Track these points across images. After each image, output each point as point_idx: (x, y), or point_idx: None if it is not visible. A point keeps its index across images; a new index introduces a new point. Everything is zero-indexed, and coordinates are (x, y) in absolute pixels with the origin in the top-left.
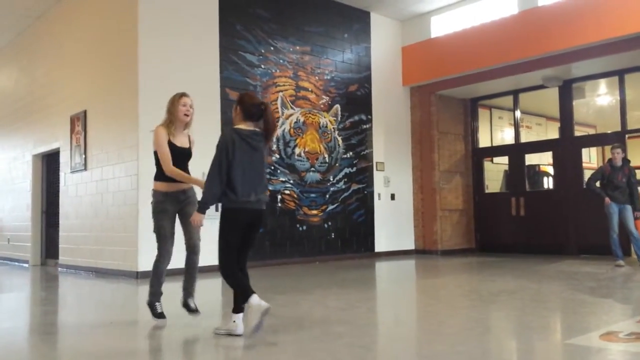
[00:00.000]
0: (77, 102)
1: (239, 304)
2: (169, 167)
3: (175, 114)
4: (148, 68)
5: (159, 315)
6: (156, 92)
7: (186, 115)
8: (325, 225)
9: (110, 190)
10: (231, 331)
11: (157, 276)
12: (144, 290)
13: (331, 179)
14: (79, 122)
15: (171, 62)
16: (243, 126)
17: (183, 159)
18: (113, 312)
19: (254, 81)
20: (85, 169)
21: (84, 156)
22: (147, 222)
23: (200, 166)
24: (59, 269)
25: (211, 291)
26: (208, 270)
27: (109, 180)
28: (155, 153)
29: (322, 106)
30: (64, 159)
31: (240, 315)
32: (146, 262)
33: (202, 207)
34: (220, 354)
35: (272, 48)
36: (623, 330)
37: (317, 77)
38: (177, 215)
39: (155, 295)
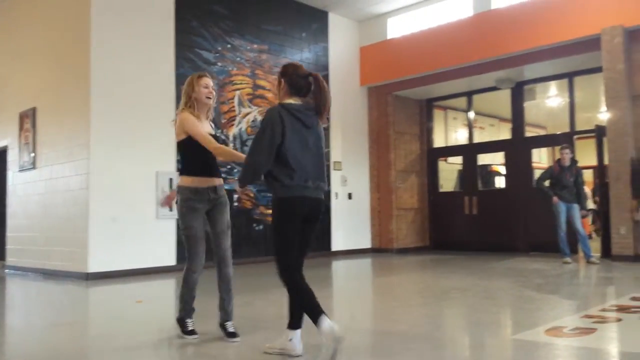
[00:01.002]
0: (26, 100)
1: (296, 318)
2: (215, 145)
3: (197, 97)
4: (100, 65)
5: (190, 332)
6: (109, 89)
7: (209, 97)
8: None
9: (60, 190)
10: (286, 351)
11: (188, 288)
12: (93, 292)
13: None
14: (28, 119)
15: (125, 58)
16: (291, 101)
17: None
18: (61, 314)
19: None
20: (34, 167)
21: (32, 154)
22: (97, 222)
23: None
24: (6, 270)
25: (161, 291)
26: (163, 270)
27: (58, 179)
28: (180, 144)
29: None
30: (12, 157)
31: (298, 332)
32: (96, 263)
33: (242, 181)
34: (163, 349)
35: (229, 46)
36: (568, 326)
37: (274, 76)
38: (205, 216)
39: (187, 312)
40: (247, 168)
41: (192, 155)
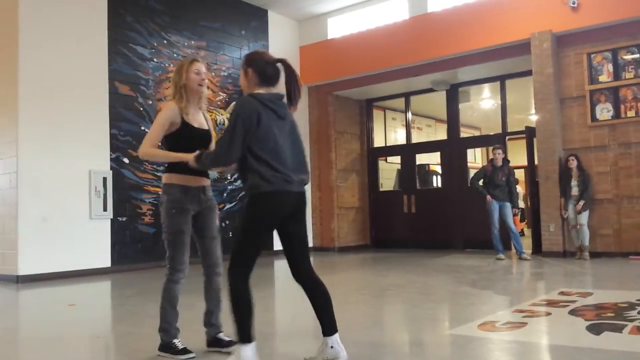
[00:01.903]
0: None
1: (246, 329)
2: (144, 148)
3: (188, 85)
4: (29, 60)
5: (184, 351)
6: (38, 85)
7: (201, 85)
8: (223, 224)
9: None
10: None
11: (171, 304)
12: (24, 295)
13: (229, 177)
14: None
15: (55, 53)
16: (261, 91)
17: (203, 144)
18: None
19: (145, 75)
20: None
21: None
22: (27, 223)
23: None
24: None
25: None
26: (97, 272)
27: None
28: (166, 138)
29: (218, 103)
30: None
31: (251, 346)
32: (26, 265)
33: (200, 162)
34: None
35: (165, 41)
36: (500, 320)
37: (213, 74)
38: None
39: (169, 334)
40: (216, 156)
41: (180, 151)
